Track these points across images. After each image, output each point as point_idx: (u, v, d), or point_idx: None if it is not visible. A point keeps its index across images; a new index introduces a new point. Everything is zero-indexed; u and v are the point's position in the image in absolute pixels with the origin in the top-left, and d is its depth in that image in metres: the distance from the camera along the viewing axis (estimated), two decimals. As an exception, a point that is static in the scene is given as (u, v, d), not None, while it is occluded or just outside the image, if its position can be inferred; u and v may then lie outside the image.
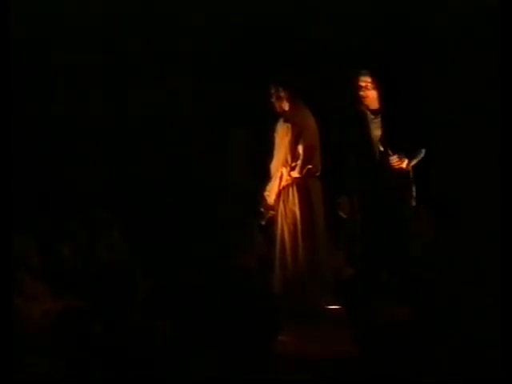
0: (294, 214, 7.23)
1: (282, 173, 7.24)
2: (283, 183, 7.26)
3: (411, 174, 7.40)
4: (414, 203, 7.42)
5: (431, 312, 6.50)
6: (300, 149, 7.21)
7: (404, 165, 7.31)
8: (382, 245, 7.22)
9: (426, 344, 5.94)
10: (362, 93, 7.37)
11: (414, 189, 7.41)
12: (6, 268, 5.16)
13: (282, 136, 7.24)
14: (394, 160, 7.25)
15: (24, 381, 5.30)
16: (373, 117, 7.39)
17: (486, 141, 7.48)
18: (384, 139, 7.32)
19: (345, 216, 8.62)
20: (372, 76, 7.30)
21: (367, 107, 7.40)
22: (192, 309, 6.61)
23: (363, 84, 7.34)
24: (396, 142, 7.24)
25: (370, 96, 7.36)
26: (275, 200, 7.29)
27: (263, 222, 7.51)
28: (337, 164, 7.55)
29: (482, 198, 7.75)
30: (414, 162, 7.35)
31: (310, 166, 7.23)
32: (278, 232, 7.26)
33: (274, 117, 7.34)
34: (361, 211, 7.48)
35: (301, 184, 7.24)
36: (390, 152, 7.27)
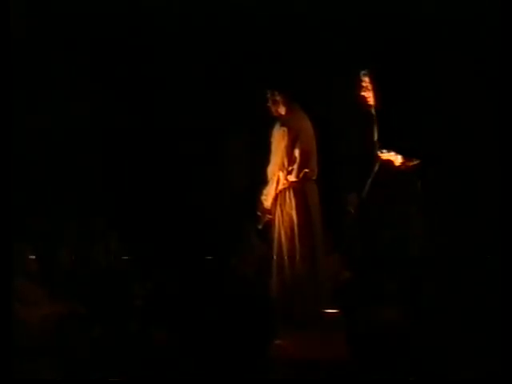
0: (290, 218, 7.23)
1: (278, 177, 7.24)
2: (280, 187, 7.25)
3: (413, 175, 7.40)
4: (415, 204, 7.43)
5: (430, 314, 6.51)
6: (296, 153, 7.21)
7: (397, 162, 7.30)
8: (381, 246, 7.22)
9: (424, 346, 5.95)
10: (364, 93, 7.37)
11: (415, 190, 7.40)
12: (5, 273, 5.16)
13: (279, 140, 7.24)
14: (383, 154, 7.25)
15: (23, 381, 5.32)
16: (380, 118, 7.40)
17: (485, 141, 7.51)
18: (379, 137, 7.33)
19: (353, 211, 8.61)
20: (371, 76, 7.30)
21: (371, 107, 7.41)
22: (190, 312, 6.61)
23: (365, 84, 7.35)
24: (391, 140, 7.25)
25: (372, 96, 7.37)
26: (272, 204, 7.29)
27: (260, 226, 7.49)
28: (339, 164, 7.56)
29: (482, 198, 7.78)
30: (412, 163, 7.35)
31: (306, 170, 7.23)
32: (275, 236, 7.26)
33: (271, 121, 7.34)
34: (362, 211, 7.49)
35: (297, 188, 7.24)
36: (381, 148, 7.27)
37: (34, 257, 6.58)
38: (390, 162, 7.27)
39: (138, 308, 6.72)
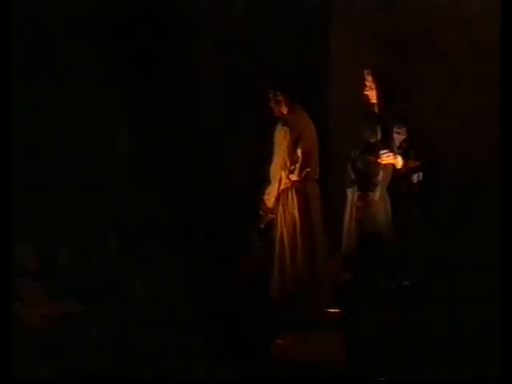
0: (293, 217, 7.23)
1: (280, 176, 7.24)
2: (282, 186, 7.26)
3: (414, 177, 7.43)
4: (414, 206, 7.45)
5: (430, 315, 6.51)
6: (299, 152, 7.21)
7: (398, 165, 7.32)
8: (379, 248, 7.23)
9: (424, 346, 5.95)
10: (366, 92, 7.39)
11: (414, 193, 7.43)
12: (5, 273, 5.17)
13: (281, 140, 7.25)
14: (383, 155, 7.27)
15: (24, 381, 5.33)
16: (382, 118, 7.41)
17: (486, 143, 7.49)
18: (382, 138, 7.36)
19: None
20: (373, 75, 7.31)
21: (374, 105, 7.43)
22: (190, 312, 6.62)
23: (367, 83, 7.36)
24: (392, 141, 7.29)
25: (374, 95, 7.38)
26: (274, 203, 7.29)
27: (262, 226, 7.50)
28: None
29: (482, 200, 7.76)
30: (413, 165, 7.36)
31: (308, 170, 7.23)
32: (278, 235, 7.27)
33: (273, 120, 7.35)
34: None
35: (299, 187, 7.24)
36: (382, 149, 7.30)
37: (34, 257, 6.61)
38: (391, 166, 7.31)
39: (137, 308, 6.73)
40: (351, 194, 7.71)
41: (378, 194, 7.40)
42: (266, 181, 7.35)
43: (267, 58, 8.89)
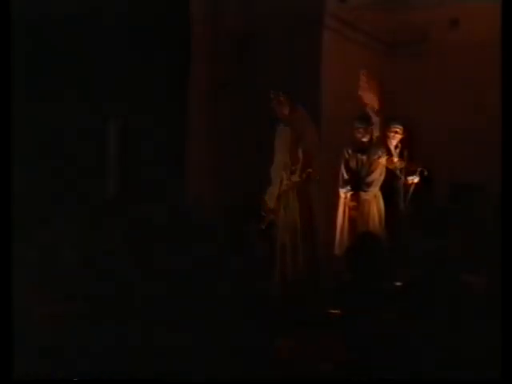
0: (294, 218, 7.25)
1: (282, 177, 7.25)
2: (283, 187, 7.27)
3: (409, 178, 7.46)
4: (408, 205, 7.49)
5: (430, 316, 6.49)
6: (300, 153, 7.22)
7: (399, 167, 7.35)
8: (373, 247, 7.24)
9: (424, 347, 5.93)
10: (361, 92, 7.43)
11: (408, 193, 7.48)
12: (5, 273, 5.18)
13: (282, 140, 7.27)
14: (384, 158, 7.32)
15: (24, 382, 5.33)
16: (377, 118, 7.45)
17: (486, 144, 7.49)
18: (378, 137, 7.40)
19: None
20: (368, 76, 7.35)
21: (367, 105, 7.45)
22: (191, 312, 6.62)
23: (362, 84, 7.39)
24: (388, 141, 7.31)
25: (369, 97, 7.41)
26: (275, 204, 7.30)
27: (263, 226, 7.50)
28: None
29: (481, 201, 7.76)
30: (413, 168, 7.40)
31: (310, 170, 7.24)
32: (279, 235, 7.28)
33: (274, 121, 7.37)
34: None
35: (301, 188, 7.26)
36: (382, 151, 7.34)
37: (34, 256, 6.62)
38: (385, 166, 7.35)
39: (137, 308, 6.73)
40: (344, 193, 7.76)
41: (370, 193, 7.44)
42: (267, 181, 7.35)
43: (266, 58, 8.90)
